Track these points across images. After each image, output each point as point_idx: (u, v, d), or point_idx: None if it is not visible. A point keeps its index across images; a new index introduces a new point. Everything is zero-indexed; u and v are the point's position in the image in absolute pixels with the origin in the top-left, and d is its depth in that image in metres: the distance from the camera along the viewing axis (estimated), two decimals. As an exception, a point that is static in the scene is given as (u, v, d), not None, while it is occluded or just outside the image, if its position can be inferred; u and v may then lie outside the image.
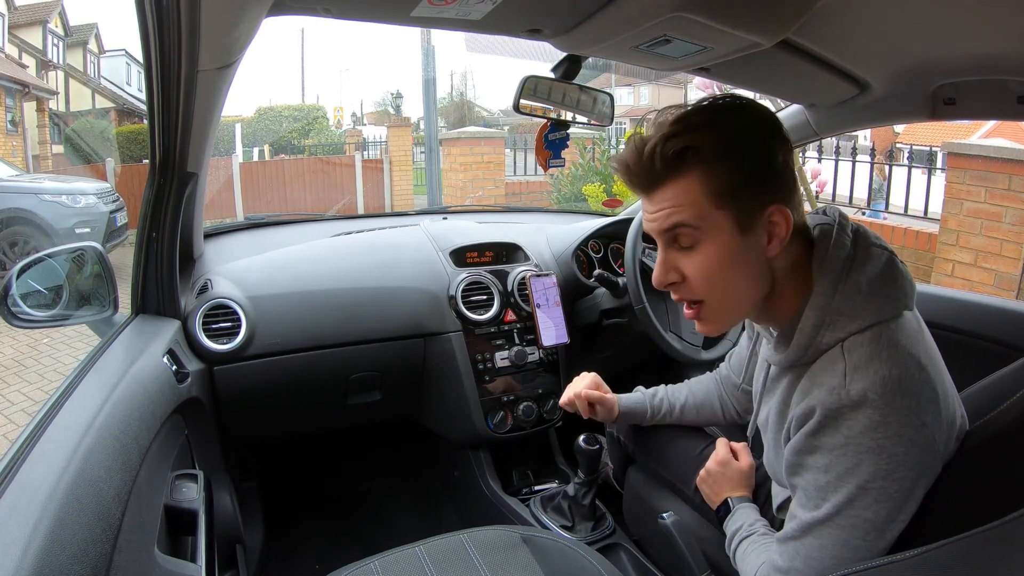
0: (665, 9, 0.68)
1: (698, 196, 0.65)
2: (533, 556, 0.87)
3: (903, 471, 0.62)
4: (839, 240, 0.69)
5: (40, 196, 5.56)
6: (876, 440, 0.62)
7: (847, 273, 0.68)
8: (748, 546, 0.83)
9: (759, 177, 0.66)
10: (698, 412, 1.11)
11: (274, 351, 1.27)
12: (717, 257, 0.67)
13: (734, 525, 0.89)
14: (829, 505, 0.65)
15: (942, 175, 3.74)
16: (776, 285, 0.70)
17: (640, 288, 1.33)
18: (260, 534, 1.39)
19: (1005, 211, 3.21)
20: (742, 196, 0.65)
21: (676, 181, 0.66)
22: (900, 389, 0.62)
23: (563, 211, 3.04)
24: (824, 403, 0.64)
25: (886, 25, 0.82)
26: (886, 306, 0.67)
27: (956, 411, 0.70)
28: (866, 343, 0.65)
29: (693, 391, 1.13)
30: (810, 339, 0.68)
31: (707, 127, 0.65)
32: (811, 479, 0.67)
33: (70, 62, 13.12)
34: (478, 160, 6.64)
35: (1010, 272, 3.20)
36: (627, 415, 1.13)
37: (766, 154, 0.66)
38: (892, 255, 0.71)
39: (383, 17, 0.80)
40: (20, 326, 0.96)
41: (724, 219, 0.66)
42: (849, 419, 0.63)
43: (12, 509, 0.51)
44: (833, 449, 0.64)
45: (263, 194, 8.62)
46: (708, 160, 0.64)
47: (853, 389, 0.63)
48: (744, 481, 0.96)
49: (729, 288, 0.69)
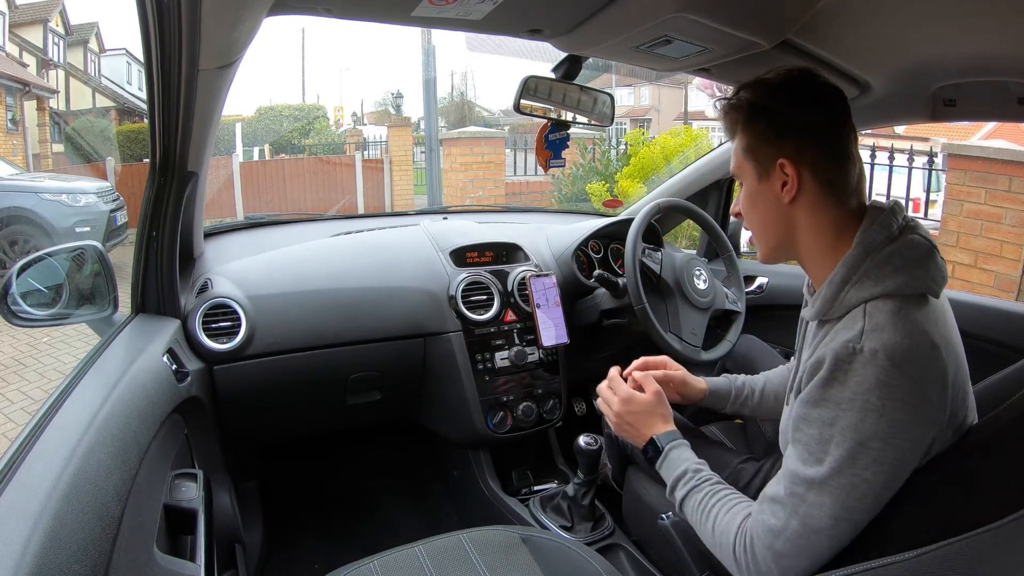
0: (666, 9, 0.68)
1: (738, 152, 0.82)
2: (532, 556, 0.87)
3: (901, 439, 0.66)
4: (886, 220, 0.75)
5: (40, 195, 5.56)
6: (882, 400, 0.65)
7: (885, 247, 0.73)
8: (707, 499, 0.81)
9: (770, 138, 0.78)
10: (776, 398, 1.08)
11: (274, 351, 1.27)
12: (746, 196, 0.84)
13: (675, 470, 0.87)
14: (831, 460, 0.68)
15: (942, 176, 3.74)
16: (805, 236, 0.79)
17: (640, 288, 1.33)
18: (259, 534, 1.39)
19: (1005, 212, 3.21)
20: (760, 151, 0.79)
21: (736, 137, 0.83)
22: (909, 358, 0.66)
23: (563, 211, 3.05)
24: (836, 352, 0.68)
25: (886, 26, 0.82)
26: (912, 283, 0.71)
27: (961, 406, 0.72)
28: (887, 311, 0.69)
29: (770, 378, 1.11)
30: (836, 292, 0.74)
31: (739, 100, 0.81)
32: (814, 433, 0.70)
33: (70, 61, 13.12)
34: (478, 160, 6.64)
35: (1010, 273, 3.20)
36: (714, 395, 1.10)
37: (781, 119, 0.78)
38: (934, 248, 0.75)
39: (384, 17, 0.80)
40: (20, 325, 0.96)
41: (750, 169, 0.81)
42: (858, 373, 0.67)
43: (11, 508, 0.51)
44: (840, 403, 0.68)
45: (263, 194, 8.62)
46: (744, 123, 0.81)
47: (866, 345, 0.67)
48: (660, 411, 0.95)
49: (756, 220, 0.84)
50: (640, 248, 1.39)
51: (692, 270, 1.44)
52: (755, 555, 0.72)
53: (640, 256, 1.39)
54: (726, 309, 1.47)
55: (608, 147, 6.12)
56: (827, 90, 0.77)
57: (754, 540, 0.73)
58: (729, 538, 0.76)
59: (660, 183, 1.91)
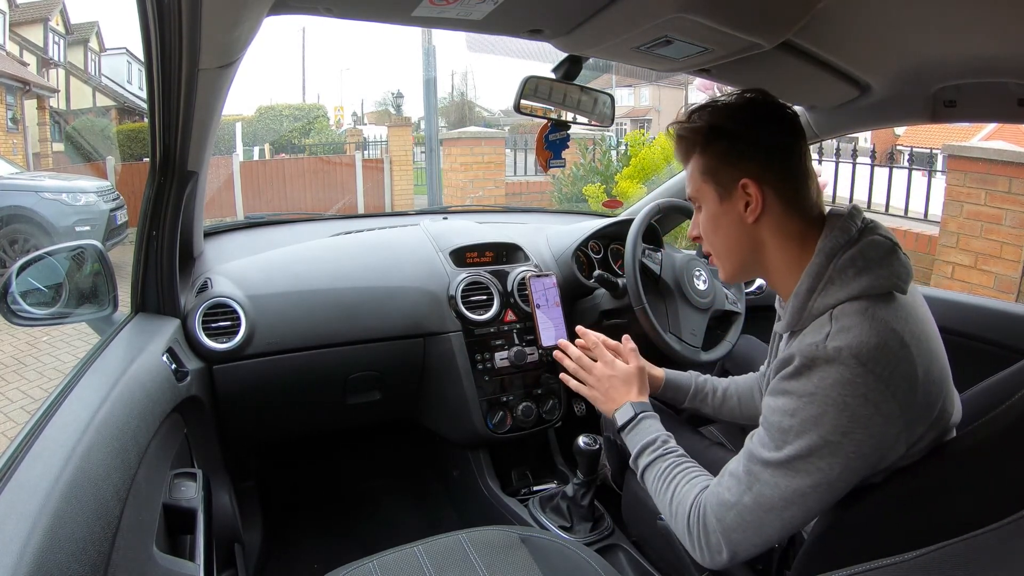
0: (666, 10, 0.68)
1: (695, 174, 0.83)
2: (532, 556, 0.87)
3: (862, 434, 0.66)
4: (846, 225, 0.76)
5: (40, 194, 5.56)
6: (843, 396, 0.66)
7: (846, 250, 0.74)
8: (670, 468, 0.83)
9: (732, 159, 0.79)
10: (739, 400, 1.09)
11: (274, 350, 1.27)
12: (708, 220, 0.83)
13: (642, 438, 0.88)
14: (789, 448, 0.69)
15: (942, 177, 3.74)
16: (771, 253, 0.80)
17: (640, 289, 1.33)
18: (259, 533, 1.39)
19: (1005, 213, 3.21)
20: (720, 172, 0.80)
21: (689, 161, 0.84)
22: (875, 356, 0.66)
23: (563, 211, 3.05)
24: (802, 352, 0.70)
25: (887, 27, 0.82)
26: (877, 283, 0.71)
27: (941, 397, 0.72)
28: (853, 312, 0.70)
29: (736, 381, 1.12)
30: (803, 302, 0.75)
31: (696, 123, 0.81)
32: (775, 421, 0.72)
33: (71, 60, 13.12)
34: (478, 160, 6.64)
35: (1010, 274, 3.20)
36: (670, 387, 1.11)
37: (742, 140, 0.78)
38: (895, 245, 0.75)
39: (384, 17, 0.80)
40: (20, 324, 0.96)
41: (710, 190, 0.81)
42: (822, 370, 0.68)
43: (11, 507, 0.51)
44: (802, 395, 0.69)
45: (263, 193, 8.62)
46: (701, 146, 0.81)
47: (831, 345, 0.68)
48: (638, 381, 0.97)
49: (719, 242, 0.84)
50: (640, 248, 1.39)
51: (692, 270, 1.44)
52: (706, 526, 0.75)
53: (640, 256, 1.39)
54: (726, 310, 1.47)
55: (608, 147, 6.12)
56: (783, 110, 0.79)
57: (707, 511, 0.76)
58: (685, 508, 0.79)
59: (660, 183, 1.91)
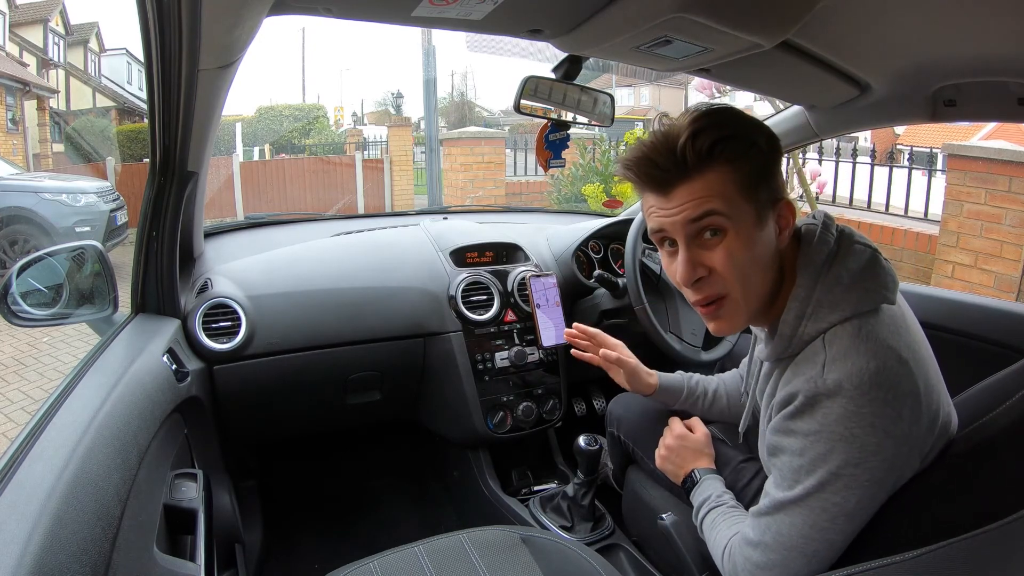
0: (666, 10, 0.68)
1: (728, 187, 0.68)
2: (532, 556, 0.87)
3: (875, 461, 0.65)
4: (823, 237, 0.73)
5: (40, 195, 5.56)
6: (849, 429, 0.65)
7: (828, 268, 0.71)
8: (717, 516, 0.85)
9: (770, 172, 0.70)
10: (728, 401, 1.10)
11: (274, 350, 1.27)
12: (741, 246, 0.68)
13: (702, 495, 0.90)
14: (801, 487, 0.68)
15: (942, 176, 3.74)
16: (774, 279, 0.74)
17: (640, 289, 1.33)
18: (259, 533, 1.39)
19: (1005, 213, 3.21)
20: (760, 189, 0.69)
21: (706, 173, 0.68)
22: (876, 381, 0.64)
23: (563, 211, 3.04)
24: (803, 390, 0.68)
25: (886, 26, 0.82)
26: (866, 298, 0.69)
27: (941, 407, 0.71)
28: (846, 336, 0.67)
29: (725, 381, 1.12)
30: (793, 330, 0.71)
31: (730, 123, 0.69)
32: (786, 461, 0.70)
33: (71, 61, 13.12)
34: (478, 160, 6.64)
35: (1010, 274, 3.20)
36: (664, 390, 1.11)
37: (771, 153, 0.71)
38: (875, 252, 0.73)
39: (384, 17, 0.80)
40: (20, 324, 0.96)
41: (749, 210, 0.69)
42: (824, 407, 0.66)
43: (11, 508, 0.51)
44: (808, 434, 0.67)
45: (263, 193, 8.62)
46: (735, 153, 0.68)
47: (830, 378, 0.66)
48: (705, 450, 0.98)
49: (752, 278, 0.71)
50: (640, 248, 1.39)
51: (692, 270, 1.44)
52: (735, 565, 0.76)
53: (640, 256, 1.39)
54: (726, 309, 1.46)
55: (608, 147, 6.12)
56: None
57: (735, 551, 0.77)
58: (720, 549, 0.80)
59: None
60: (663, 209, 0.71)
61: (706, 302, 0.73)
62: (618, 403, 1.24)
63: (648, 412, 1.17)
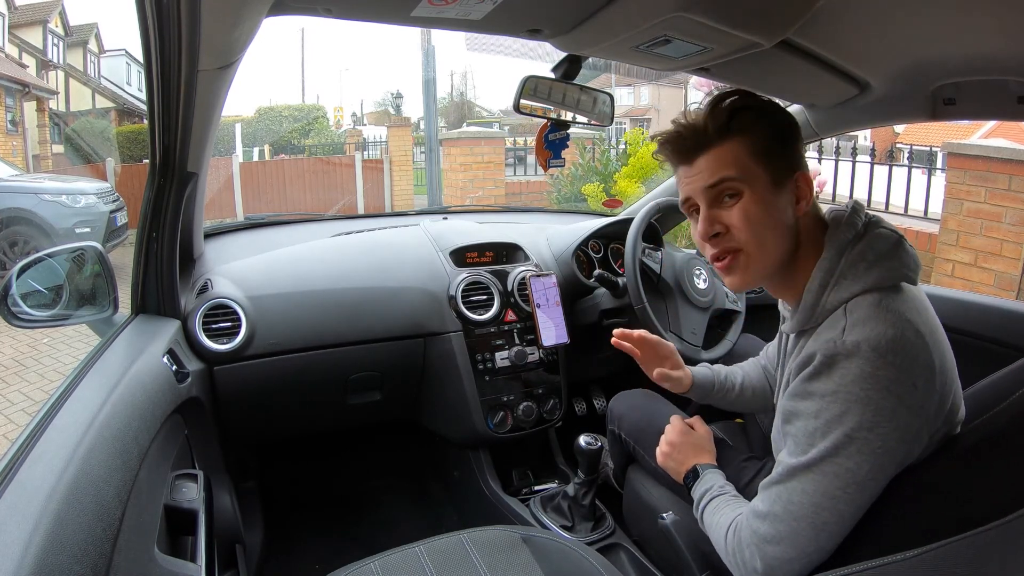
0: (665, 9, 0.68)
1: (743, 156, 0.75)
2: (533, 556, 0.87)
3: (888, 427, 0.66)
4: (851, 220, 0.77)
5: (40, 196, 5.56)
6: (865, 391, 0.66)
7: (855, 245, 0.75)
8: (720, 503, 0.85)
9: (786, 144, 0.77)
10: (754, 393, 1.10)
11: (274, 351, 1.27)
12: (756, 206, 0.75)
13: (703, 487, 0.90)
14: (815, 451, 0.69)
15: (942, 175, 3.74)
16: (796, 254, 0.78)
17: (640, 288, 1.33)
18: (260, 534, 1.39)
19: (1005, 211, 3.21)
20: (774, 157, 0.75)
21: (725, 143, 0.76)
22: (893, 348, 0.66)
23: (563, 211, 3.05)
24: (821, 350, 0.70)
25: (886, 25, 0.82)
26: (888, 275, 0.72)
27: (952, 392, 0.72)
28: (867, 305, 0.70)
29: (747, 372, 1.13)
30: (816, 298, 0.75)
31: (747, 98, 0.77)
32: (801, 426, 0.71)
33: (70, 62, 13.12)
34: (478, 160, 6.64)
35: (1010, 272, 3.20)
36: (699, 387, 1.09)
37: (788, 127, 0.78)
38: (901, 238, 0.76)
39: (383, 17, 0.80)
40: (20, 326, 0.96)
41: (762, 174, 0.75)
42: (842, 367, 0.68)
43: (12, 509, 0.51)
44: (825, 395, 0.69)
45: (263, 194, 8.62)
46: (751, 123, 0.75)
47: (848, 340, 0.68)
48: (707, 446, 0.99)
49: (765, 236, 0.76)
50: (640, 248, 1.39)
51: (692, 270, 1.44)
52: (740, 540, 0.76)
53: (640, 256, 1.39)
54: (726, 309, 1.47)
55: (608, 147, 6.12)
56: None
57: (741, 525, 0.76)
58: (724, 528, 0.80)
59: (659, 183, 1.90)
60: (688, 177, 0.79)
61: (722, 255, 0.78)
62: (619, 401, 1.24)
63: (649, 410, 1.17)
